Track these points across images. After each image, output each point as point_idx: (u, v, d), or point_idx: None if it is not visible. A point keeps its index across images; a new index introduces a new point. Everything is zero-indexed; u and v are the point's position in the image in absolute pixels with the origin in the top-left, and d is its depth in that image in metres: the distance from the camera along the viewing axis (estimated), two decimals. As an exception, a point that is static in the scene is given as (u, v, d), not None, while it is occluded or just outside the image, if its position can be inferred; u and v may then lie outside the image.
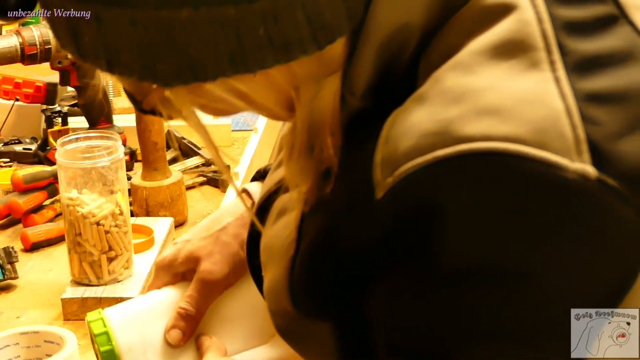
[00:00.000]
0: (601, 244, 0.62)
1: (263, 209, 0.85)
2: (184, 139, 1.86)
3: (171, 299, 0.99)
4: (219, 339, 0.97)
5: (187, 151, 1.85)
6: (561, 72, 0.63)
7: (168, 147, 1.77)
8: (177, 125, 1.91)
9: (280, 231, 0.78)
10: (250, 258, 0.92)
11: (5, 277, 1.42)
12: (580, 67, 0.63)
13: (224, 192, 1.62)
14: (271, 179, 0.89)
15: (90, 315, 0.98)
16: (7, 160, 1.83)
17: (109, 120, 1.82)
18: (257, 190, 0.97)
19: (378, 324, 0.69)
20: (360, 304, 0.70)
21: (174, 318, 0.97)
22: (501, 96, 0.62)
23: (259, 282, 0.89)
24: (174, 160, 1.83)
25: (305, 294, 0.74)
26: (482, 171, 0.61)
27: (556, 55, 0.63)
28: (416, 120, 0.64)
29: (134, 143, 1.67)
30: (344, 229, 0.69)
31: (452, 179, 0.61)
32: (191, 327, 0.97)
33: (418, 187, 0.62)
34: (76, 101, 1.92)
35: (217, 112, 0.76)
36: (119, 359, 0.96)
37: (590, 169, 0.60)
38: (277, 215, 0.80)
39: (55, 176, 1.58)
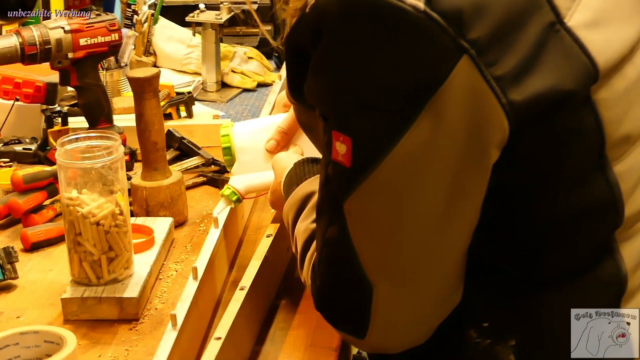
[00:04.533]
0: (416, 52, 0.96)
1: None
2: (184, 139, 1.86)
3: (279, 121, 1.48)
4: (301, 148, 1.44)
5: (187, 151, 1.85)
6: None
7: (168, 147, 1.77)
8: (177, 125, 1.91)
9: None
10: None
11: (5, 277, 1.42)
12: None
13: (224, 192, 1.62)
14: None
15: (223, 127, 1.51)
16: (7, 160, 1.83)
17: (109, 120, 1.82)
18: None
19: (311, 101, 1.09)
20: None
21: (274, 132, 1.46)
22: None
23: None
24: (174, 160, 1.83)
25: (292, 88, 1.19)
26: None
27: None
28: None
29: (134, 143, 1.67)
30: (294, 33, 1.10)
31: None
32: (284, 140, 1.46)
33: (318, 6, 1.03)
34: (76, 101, 1.92)
35: None
36: (234, 153, 1.49)
37: (420, 4, 0.95)
38: None
39: (55, 176, 1.58)
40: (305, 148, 1.43)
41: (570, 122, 1.02)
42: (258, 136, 1.49)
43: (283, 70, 2.18)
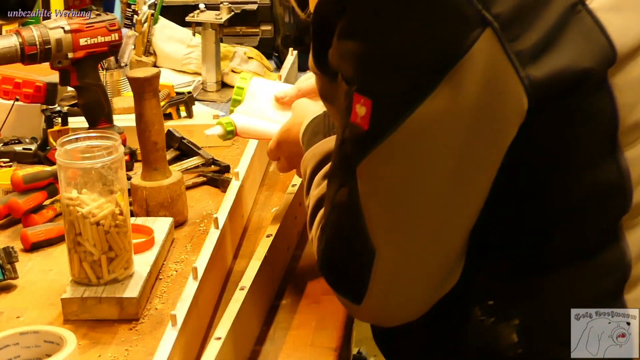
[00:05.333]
0: (441, 22, 0.98)
1: None
2: (184, 139, 1.86)
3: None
4: None
5: (187, 151, 1.85)
6: None
7: (168, 147, 1.77)
8: (177, 125, 1.91)
9: None
10: None
11: (5, 277, 1.42)
12: None
13: (224, 192, 1.62)
14: None
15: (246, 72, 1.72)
16: (7, 160, 1.83)
17: (109, 120, 1.82)
18: None
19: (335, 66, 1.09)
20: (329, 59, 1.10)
21: (290, 87, 1.56)
22: None
23: None
24: (174, 160, 1.83)
25: (316, 58, 1.17)
26: None
27: None
28: None
29: (134, 143, 1.67)
30: (322, 1, 1.10)
31: None
32: (296, 96, 1.52)
33: None
34: (76, 101, 1.92)
35: None
36: (243, 96, 1.60)
37: None
38: None
39: (55, 176, 1.58)
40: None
41: (586, 104, 1.03)
42: (272, 92, 1.58)
43: (283, 70, 2.19)
